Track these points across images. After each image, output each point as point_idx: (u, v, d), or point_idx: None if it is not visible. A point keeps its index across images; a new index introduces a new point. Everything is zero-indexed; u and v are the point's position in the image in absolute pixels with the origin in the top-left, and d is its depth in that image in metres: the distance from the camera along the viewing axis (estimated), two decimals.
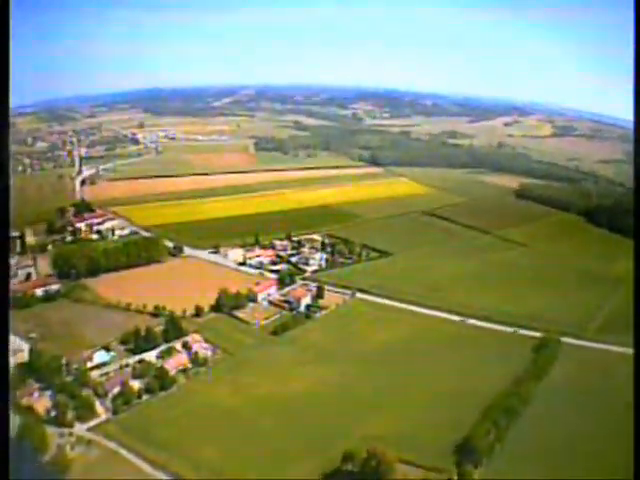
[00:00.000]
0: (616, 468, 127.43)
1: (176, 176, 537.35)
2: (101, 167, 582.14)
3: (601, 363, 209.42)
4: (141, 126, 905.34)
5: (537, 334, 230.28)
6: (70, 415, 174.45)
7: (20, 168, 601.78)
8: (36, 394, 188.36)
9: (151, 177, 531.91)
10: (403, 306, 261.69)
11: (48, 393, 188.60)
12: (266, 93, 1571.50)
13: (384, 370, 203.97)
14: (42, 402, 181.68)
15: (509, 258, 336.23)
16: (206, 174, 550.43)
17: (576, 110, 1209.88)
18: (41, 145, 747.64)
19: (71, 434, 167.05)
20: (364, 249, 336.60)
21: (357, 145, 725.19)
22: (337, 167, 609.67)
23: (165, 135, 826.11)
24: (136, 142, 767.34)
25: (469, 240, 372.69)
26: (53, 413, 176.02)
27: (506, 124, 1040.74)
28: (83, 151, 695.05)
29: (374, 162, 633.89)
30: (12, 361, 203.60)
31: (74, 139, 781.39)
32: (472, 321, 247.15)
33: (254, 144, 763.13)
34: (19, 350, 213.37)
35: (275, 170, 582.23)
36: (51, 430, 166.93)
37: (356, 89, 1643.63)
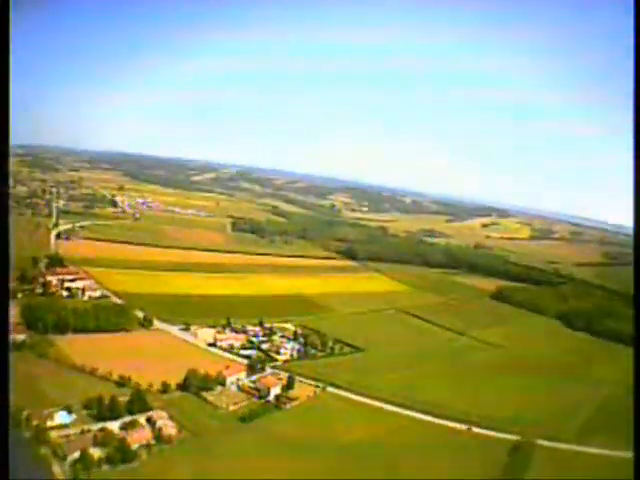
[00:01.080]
0: None
1: (152, 245, 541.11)
2: (77, 224, 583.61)
3: (579, 465, 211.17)
4: (121, 189, 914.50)
5: (513, 437, 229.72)
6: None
7: None
8: None
9: (126, 243, 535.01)
10: (375, 403, 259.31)
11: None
12: (247, 174, 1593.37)
13: (356, 468, 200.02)
14: None
15: (485, 359, 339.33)
16: (182, 248, 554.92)
17: (555, 212, 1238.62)
18: (21, 189, 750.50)
19: None
20: (337, 343, 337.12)
21: (334, 237, 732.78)
22: (313, 257, 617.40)
23: (144, 202, 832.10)
24: (114, 204, 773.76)
25: (444, 340, 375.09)
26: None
27: (484, 225, 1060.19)
28: (62, 203, 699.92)
29: (351, 255, 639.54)
30: None
31: (54, 190, 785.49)
32: (446, 422, 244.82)
33: (231, 224, 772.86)
34: None
35: (251, 253, 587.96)
36: None
37: (335, 180, 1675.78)
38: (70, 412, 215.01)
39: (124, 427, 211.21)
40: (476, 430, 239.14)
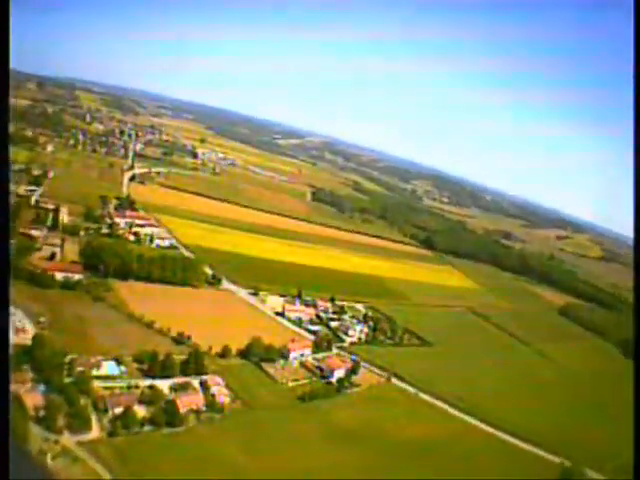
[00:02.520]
0: None
1: (230, 202, 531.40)
2: (154, 169, 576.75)
3: None
4: (203, 141, 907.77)
5: (562, 460, 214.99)
6: (61, 421, 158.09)
7: (72, 142, 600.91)
8: (28, 385, 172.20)
9: (204, 196, 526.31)
10: (438, 403, 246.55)
11: (41, 388, 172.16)
12: (332, 145, 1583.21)
13: (409, 466, 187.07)
14: (32, 396, 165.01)
15: (548, 375, 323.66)
16: (261, 210, 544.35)
17: (623, 235, 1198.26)
18: (98, 127, 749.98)
19: (57, 442, 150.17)
20: (406, 333, 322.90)
21: (413, 223, 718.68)
22: (392, 240, 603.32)
23: (225, 158, 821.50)
24: (195, 156, 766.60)
25: (510, 349, 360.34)
26: (42, 413, 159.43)
27: (559, 237, 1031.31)
28: (139, 147, 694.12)
29: (429, 245, 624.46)
30: (12, 339, 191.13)
31: (133, 133, 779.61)
32: (501, 434, 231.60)
33: (312, 193, 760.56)
34: (22, 330, 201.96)
35: (330, 226, 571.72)
36: (35, 431, 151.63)
37: (419, 165, 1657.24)
38: (119, 364, 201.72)
39: (175, 388, 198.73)
40: (527, 447, 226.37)
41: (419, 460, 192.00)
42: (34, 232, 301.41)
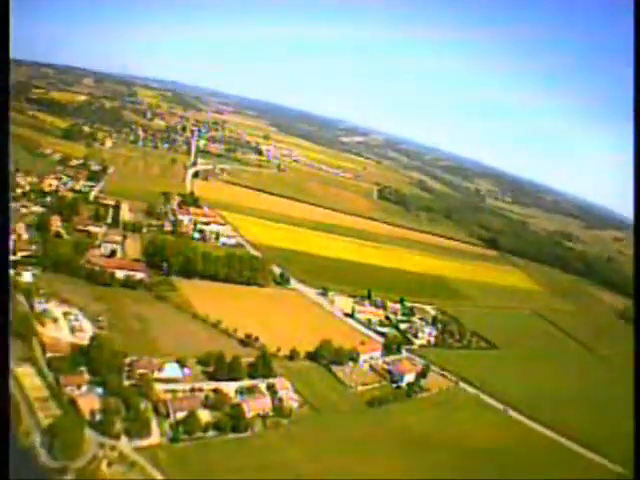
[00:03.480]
0: None
1: (296, 200, 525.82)
2: (218, 165, 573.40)
3: None
4: (267, 138, 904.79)
5: (625, 471, 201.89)
6: (118, 426, 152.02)
7: (132, 138, 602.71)
8: (84, 388, 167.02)
9: (269, 193, 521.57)
10: (504, 408, 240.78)
11: (99, 391, 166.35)
12: (395, 143, 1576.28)
13: (477, 471, 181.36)
14: (89, 399, 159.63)
15: (610, 382, 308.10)
16: (327, 208, 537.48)
17: None
18: (159, 123, 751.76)
19: (113, 448, 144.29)
20: (474, 336, 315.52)
21: (479, 223, 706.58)
22: (459, 240, 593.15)
23: (290, 155, 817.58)
24: (259, 152, 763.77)
25: (574, 353, 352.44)
26: (98, 417, 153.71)
27: (617, 239, 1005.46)
28: (202, 143, 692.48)
29: (494, 245, 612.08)
30: (70, 339, 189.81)
31: (195, 129, 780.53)
32: (565, 441, 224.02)
33: (377, 191, 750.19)
34: (79, 330, 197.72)
35: (396, 225, 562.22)
36: (90, 435, 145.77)
37: (480, 164, 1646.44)
38: (183, 366, 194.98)
39: (241, 391, 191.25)
40: (591, 455, 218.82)
41: (486, 464, 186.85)
42: (93, 228, 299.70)
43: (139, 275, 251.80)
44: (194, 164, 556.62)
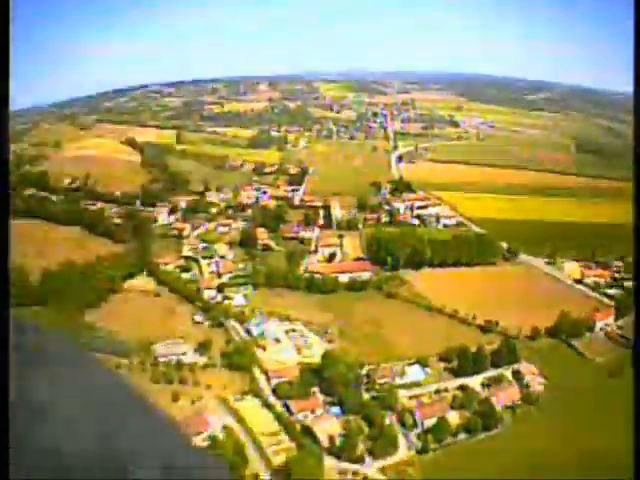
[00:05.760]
0: None
1: (502, 167, 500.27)
2: (420, 146, 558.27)
3: None
4: (459, 109, 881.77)
5: None
6: (361, 447, 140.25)
7: (324, 134, 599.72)
8: (319, 411, 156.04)
9: (476, 164, 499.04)
10: None
11: (335, 411, 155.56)
12: (579, 93, 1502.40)
13: None
14: (325, 424, 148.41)
15: None
16: (533, 170, 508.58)
17: None
18: (349, 114, 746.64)
19: (356, 474, 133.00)
20: None
21: None
22: None
23: (483, 122, 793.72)
24: (455, 125, 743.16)
25: None
26: (338, 441, 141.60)
27: None
28: (397, 126, 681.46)
29: None
30: (297, 359, 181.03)
31: (387, 113, 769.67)
32: None
33: (575, 145, 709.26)
34: (307, 346, 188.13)
35: (604, 178, 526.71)
36: (330, 463, 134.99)
37: None
38: (424, 366, 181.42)
39: (486, 384, 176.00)
40: None
41: None
42: (305, 234, 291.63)
43: (365, 275, 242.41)
44: (395, 148, 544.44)
